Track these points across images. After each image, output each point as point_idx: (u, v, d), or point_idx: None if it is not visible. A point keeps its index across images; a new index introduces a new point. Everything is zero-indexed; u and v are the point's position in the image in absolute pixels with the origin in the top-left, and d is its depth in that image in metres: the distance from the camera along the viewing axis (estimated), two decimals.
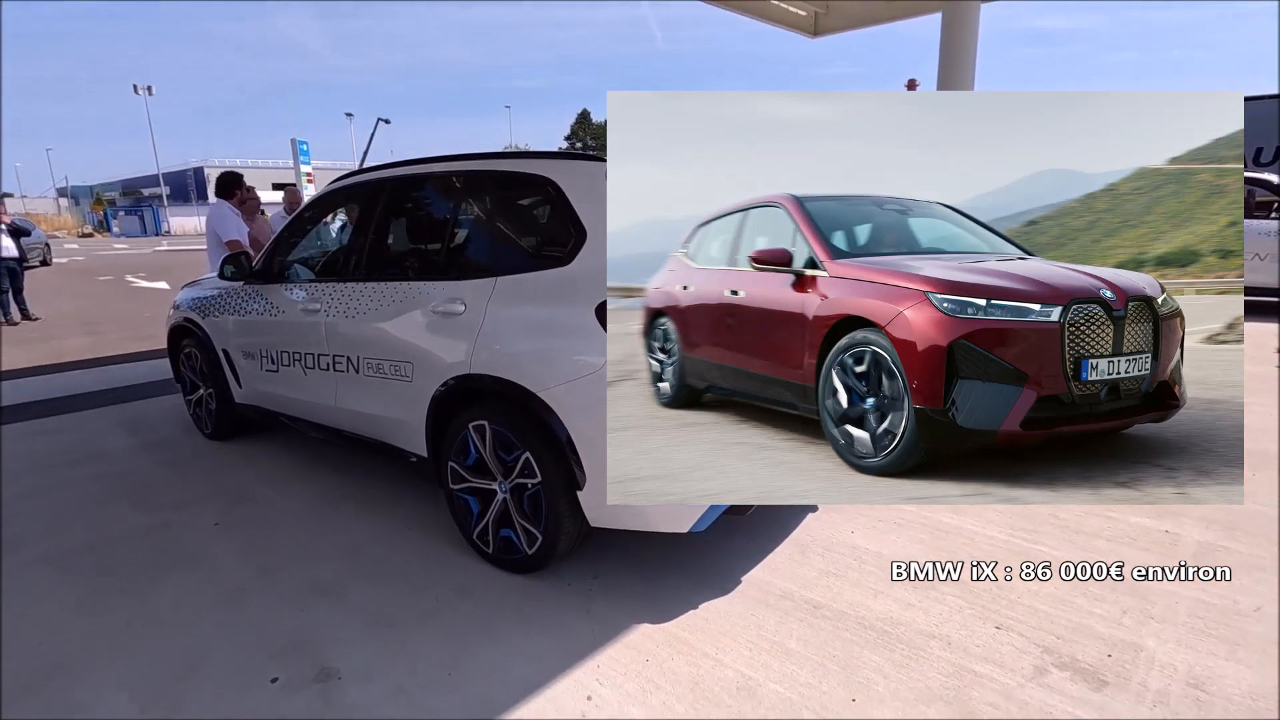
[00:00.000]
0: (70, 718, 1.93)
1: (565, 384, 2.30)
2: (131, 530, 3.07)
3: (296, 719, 1.91)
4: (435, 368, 2.69)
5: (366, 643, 2.22)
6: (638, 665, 2.08)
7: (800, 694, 1.94)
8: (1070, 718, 1.83)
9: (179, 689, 2.03)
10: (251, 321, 3.73)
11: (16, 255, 9.49)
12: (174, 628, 2.33)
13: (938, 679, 1.99)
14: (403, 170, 3.23)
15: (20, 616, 2.42)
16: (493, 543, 2.62)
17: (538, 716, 1.88)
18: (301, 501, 3.34)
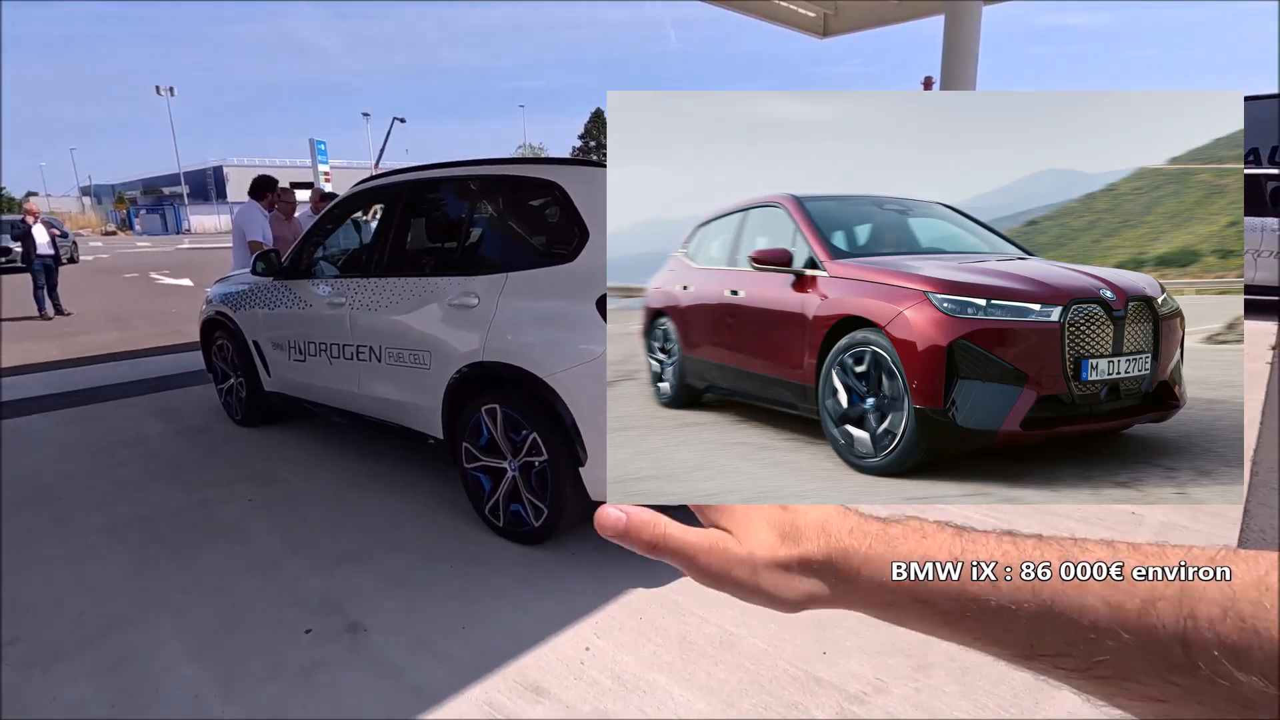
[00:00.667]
0: (126, 664, 2.19)
1: (569, 370, 2.53)
2: (173, 506, 3.34)
3: (330, 664, 2.15)
4: (451, 356, 2.93)
5: (390, 602, 2.46)
6: (632, 622, 2.31)
7: (775, 646, 2.16)
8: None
9: (225, 638, 2.28)
10: (281, 314, 4.00)
11: (52, 252, 9.90)
12: (217, 589, 2.59)
13: (903, 636, 2.20)
14: (420, 174, 3.49)
15: (78, 580, 2.69)
16: (503, 516, 2.86)
17: (541, 663, 2.11)
18: (328, 482, 3.60)
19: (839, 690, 1.97)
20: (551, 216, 2.87)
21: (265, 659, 2.17)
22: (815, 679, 2.02)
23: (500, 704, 1.95)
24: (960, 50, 8.06)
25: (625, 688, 2.01)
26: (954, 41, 8.15)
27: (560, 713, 1.91)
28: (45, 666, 2.16)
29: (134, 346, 7.62)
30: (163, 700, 2.00)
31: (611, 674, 2.06)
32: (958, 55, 8.06)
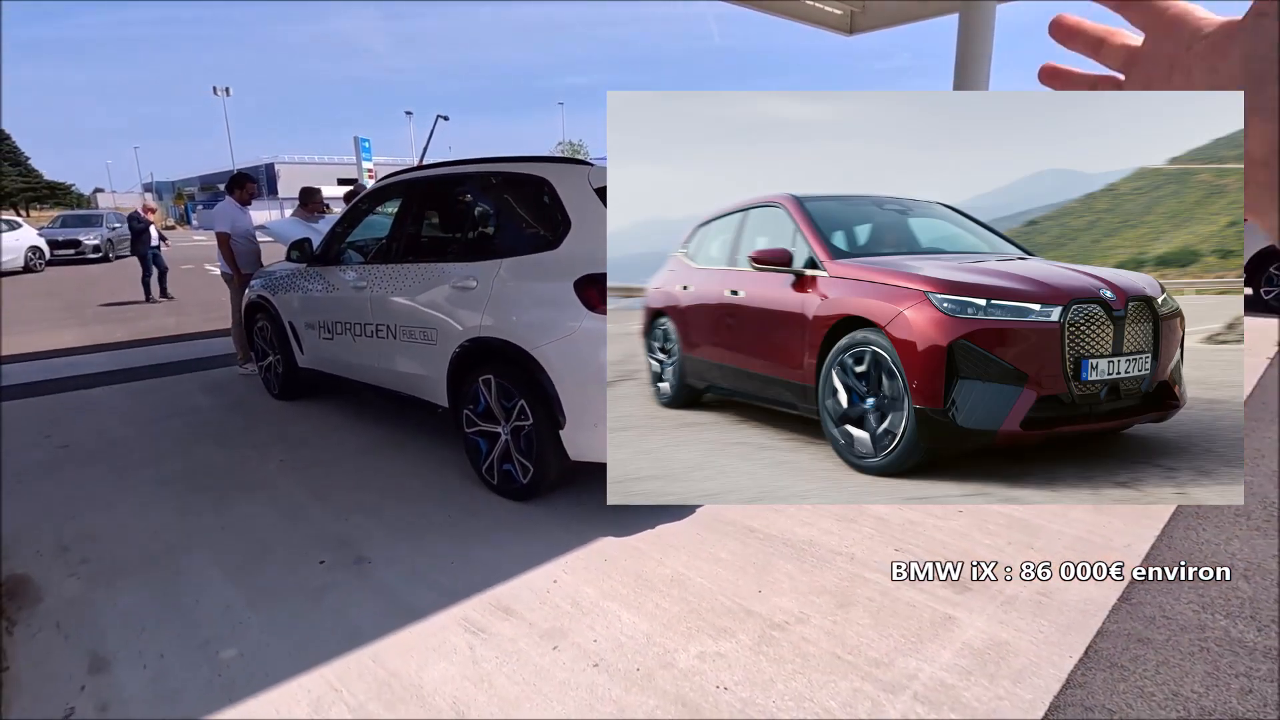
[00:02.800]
0: (174, 582, 2.62)
1: (551, 343, 2.87)
2: (215, 464, 3.83)
3: (339, 587, 2.54)
4: (454, 333, 3.30)
5: (394, 543, 2.85)
6: (598, 563, 2.64)
7: (718, 585, 2.47)
8: (928, 609, 2.30)
9: (254, 566, 2.70)
10: (312, 298, 4.45)
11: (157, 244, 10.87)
12: (249, 530, 3.02)
13: (833, 580, 2.49)
14: (427, 173, 3.91)
15: (135, 518, 3.16)
16: (496, 475, 3.22)
17: (513, 591, 2.46)
18: (350, 446, 4.04)
19: (765, 620, 2.27)
20: (539, 208, 3.21)
21: (285, 581, 2.58)
22: (747, 610, 2.32)
23: (474, 619, 2.30)
24: (974, 49, 8.11)
25: (581, 611, 2.34)
26: (967, 40, 8.21)
27: (524, 630, 2.25)
28: (109, 581, 2.60)
29: (188, 330, 8.29)
30: (201, 607, 2.41)
31: (572, 601, 2.40)
32: (971, 54, 8.11)
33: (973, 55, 8.20)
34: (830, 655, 2.09)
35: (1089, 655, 2.07)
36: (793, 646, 2.13)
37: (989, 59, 8.33)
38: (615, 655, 2.11)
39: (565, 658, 2.11)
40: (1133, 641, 2.13)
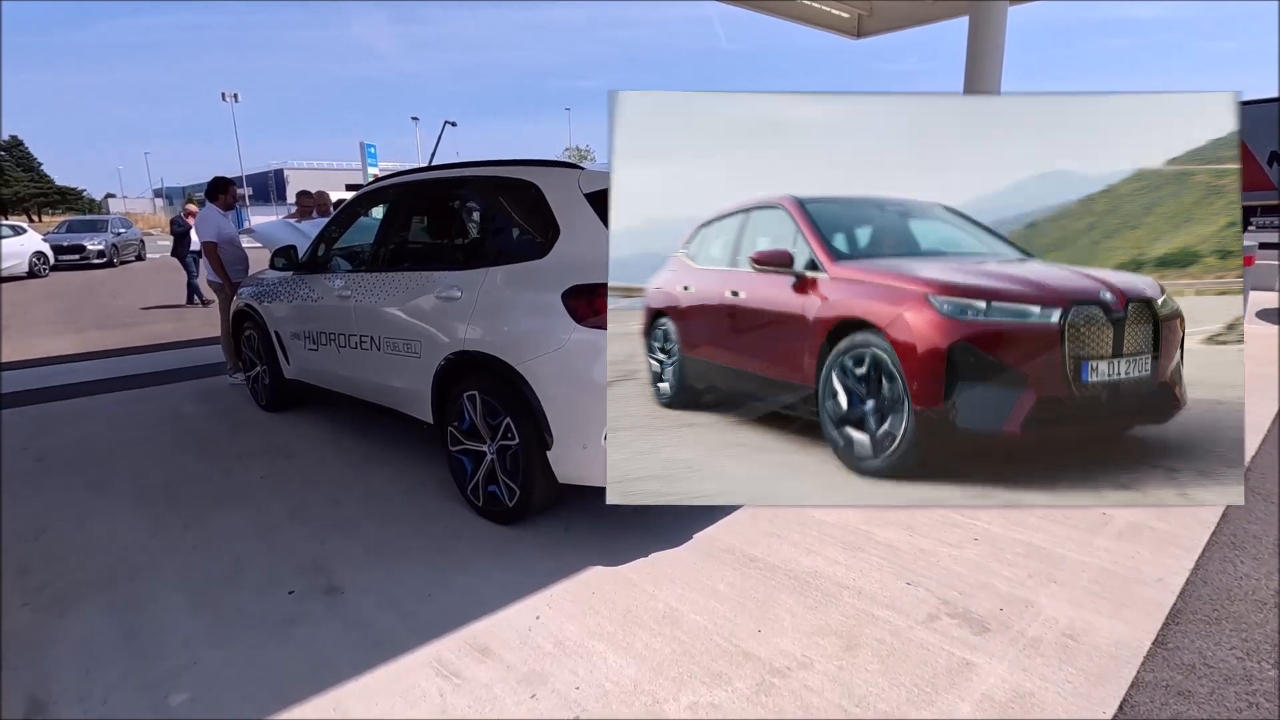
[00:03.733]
0: (133, 609, 2.45)
1: (538, 359, 2.69)
2: (196, 476, 3.68)
3: (307, 619, 2.37)
4: (438, 345, 3.13)
5: (369, 568, 2.68)
6: (585, 596, 2.46)
7: (714, 623, 2.28)
8: (943, 653, 2.10)
9: (218, 592, 2.54)
10: (297, 306, 4.30)
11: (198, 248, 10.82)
12: (221, 550, 2.86)
13: (839, 619, 2.29)
14: (411, 177, 3.74)
15: (104, 535, 3.01)
16: (482, 496, 3.04)
17: (492, 628, 2.28)
18: (335, 461, 3.88)
19: (764, 664, 2.08)
20: (527, 214, 3.05)
21: (251, 610, 2.41)
22: (745, 653, 2.13)
23: (448, 661, 2.12)
24: (985, 51, 7.93)
25: (564, 652, 2.16)
26: (978, 42, 8.03)
27: (501, 673, 2.07)
28: (63, 610, 2.44)
29: (186, 337, 8.17)
30: (157, 641, 2.25)
31: (554, 640, 2.22)
32: (982, 56, 7.94)
33: (983, 57, 8.02)
34: (835, 708, 1.90)
35: (1124, 711, 1.87)
36: (794, 696, 1.94)
37: (1000, 61, 8.14)
38: (598, 705, 1.93)
39: (544, 706, 1.93)
40: (1172, 695, 1.93)
